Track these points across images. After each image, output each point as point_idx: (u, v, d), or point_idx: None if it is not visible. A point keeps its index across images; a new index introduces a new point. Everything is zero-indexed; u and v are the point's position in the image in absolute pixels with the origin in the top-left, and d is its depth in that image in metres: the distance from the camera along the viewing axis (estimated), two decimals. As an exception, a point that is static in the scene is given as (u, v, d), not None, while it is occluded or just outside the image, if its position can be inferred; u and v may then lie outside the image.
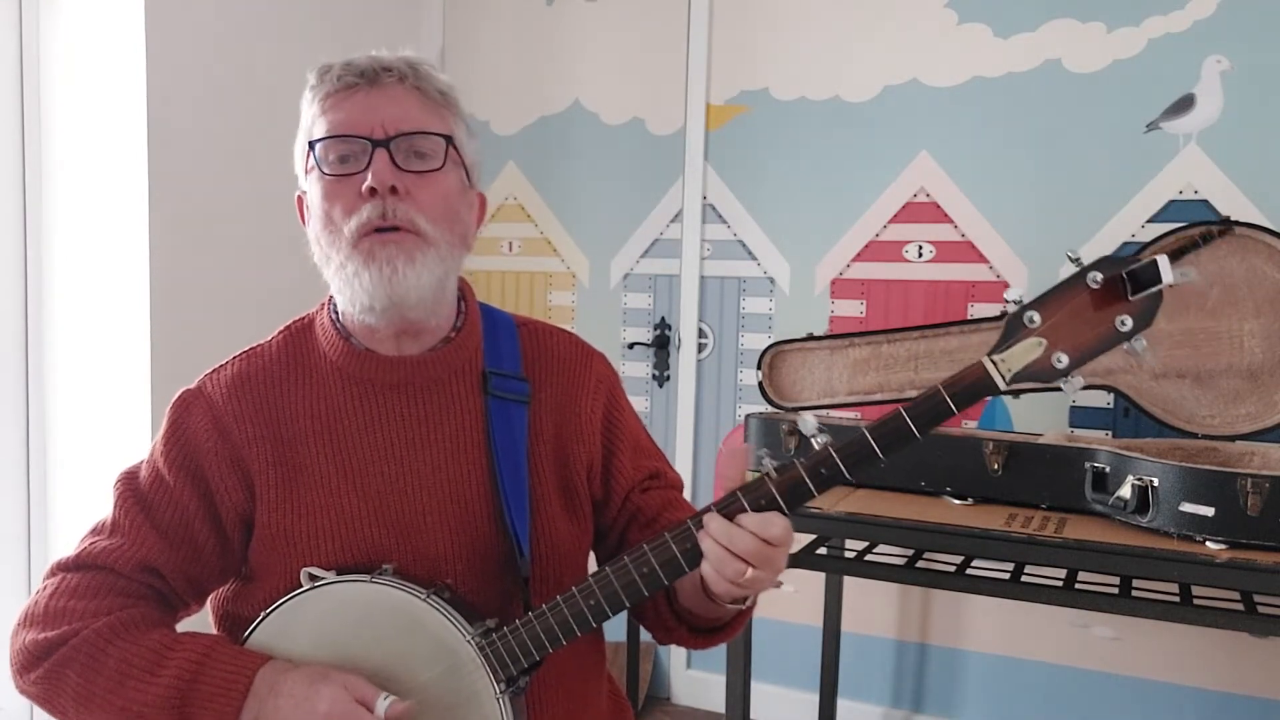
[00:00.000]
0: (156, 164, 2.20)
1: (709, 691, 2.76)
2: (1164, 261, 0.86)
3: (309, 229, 1.03)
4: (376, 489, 1.02)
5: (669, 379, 2.81)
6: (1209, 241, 1.79)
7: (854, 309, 2.55)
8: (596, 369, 1.15)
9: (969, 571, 1.78)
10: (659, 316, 2.81)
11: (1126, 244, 2.24)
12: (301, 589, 0.98)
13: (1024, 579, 1.74)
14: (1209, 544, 1.56)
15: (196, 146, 2.30)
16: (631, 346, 2.82)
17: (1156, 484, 1.60)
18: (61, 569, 1.00)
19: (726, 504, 0.92)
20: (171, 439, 1.03)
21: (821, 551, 2.00)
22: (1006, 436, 1.93)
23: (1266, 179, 2.12)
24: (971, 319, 2.20)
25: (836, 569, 2.26)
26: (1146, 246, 1.89)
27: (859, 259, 2.53)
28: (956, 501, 1.87)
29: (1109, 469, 1.70)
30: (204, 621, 1.07)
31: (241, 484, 1.01)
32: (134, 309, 2.22)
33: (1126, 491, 1.63)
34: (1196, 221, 1.89)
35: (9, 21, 2.26)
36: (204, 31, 2.32)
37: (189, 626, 1.01)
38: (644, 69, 2.77)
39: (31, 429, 2.34)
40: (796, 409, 2.20)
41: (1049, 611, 2.35)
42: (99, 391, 2.28)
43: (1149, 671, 2.28)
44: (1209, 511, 1.55)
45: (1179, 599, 1.67)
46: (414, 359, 1.05)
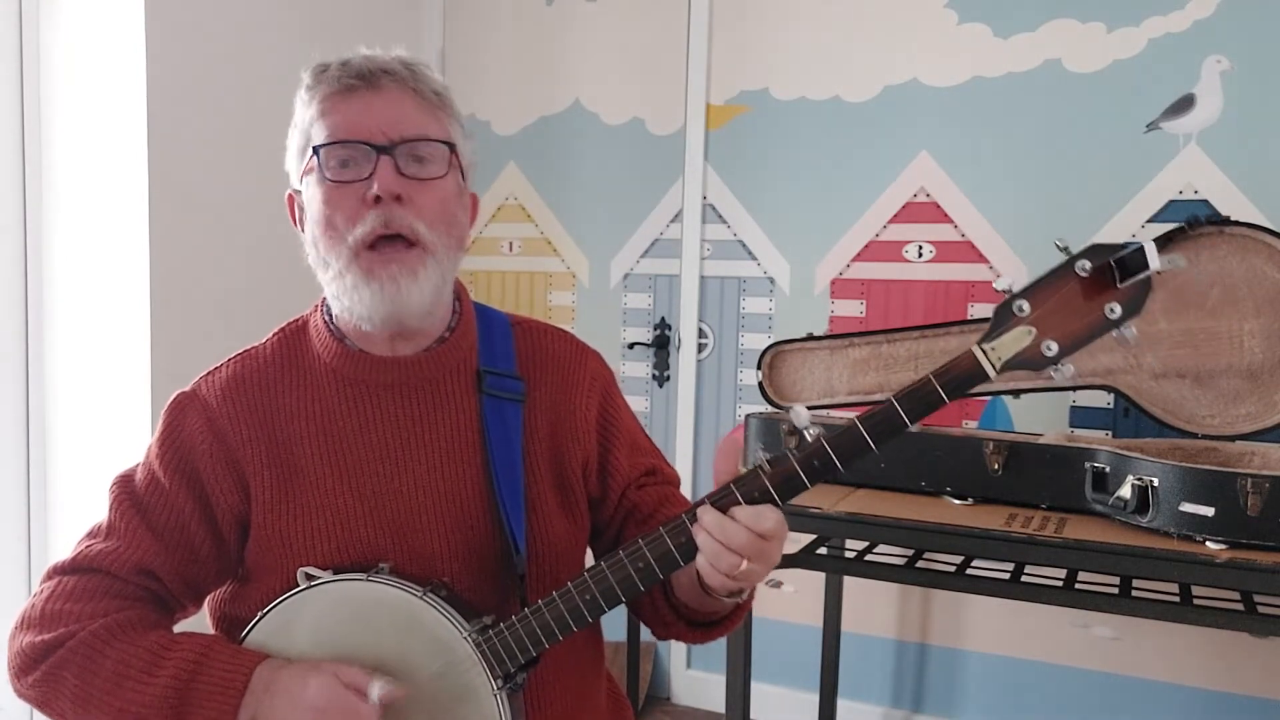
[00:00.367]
0: (156, 164, 2.20)
1: (709, 691, 2.76)
2: (1151, 248, 0.86)
3: (305, 230, 1.03)
4: (372, 489, 1.02)
5: (669, 379, 2.81)
6: (1195, 228, 1.78)
7: (854, 309, 2.55)
8: (591, 367, 1.15)
9: (969, 571, 1.78)
10: (659, 316, 2.81)
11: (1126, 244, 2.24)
12: (298, 589, 0.98)
13: (1024, 579, 1.74)
14: (1209, 544, 1.55)
15: (196, 146, 2.30)
16: (631, 346, 2.81)
17: (1156, 484, 1.60)
18: (58, 572, 1.00)
19: (720, 497, 0.92)
20: (166, 442, 1.03)
21: (821, 551, 2.00)
22: (1007, 436, 1.93)
23: (1266, 179, 2.12)
24: (972, 319, 2.20)
25: (836, 569, 2.26)
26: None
27: (859, 259, 2.53)
28: (956, 501, 1.87)
29: (1109, 469, 1.69)
30: (202, 623, 1.07)
31: (237, 486, 1.01)
32: (134, 309, 2.22)
33: (1126, 491, 1.63)
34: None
35: (9, 21, 2.26)
36: (204, 31, 2.32)
37: (186, 628, 1.01)
38: (644, 69, 2.77)
39: (31, 430, 2.34)
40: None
41: (1049, 611, 2.35)
42: (99, 392, 2.28)
43: (1149, 671, 2.28)
44: (1209, 511, 1.54)
45: (1179, 599, 1.67)
46: (408, 359, 1.05)
